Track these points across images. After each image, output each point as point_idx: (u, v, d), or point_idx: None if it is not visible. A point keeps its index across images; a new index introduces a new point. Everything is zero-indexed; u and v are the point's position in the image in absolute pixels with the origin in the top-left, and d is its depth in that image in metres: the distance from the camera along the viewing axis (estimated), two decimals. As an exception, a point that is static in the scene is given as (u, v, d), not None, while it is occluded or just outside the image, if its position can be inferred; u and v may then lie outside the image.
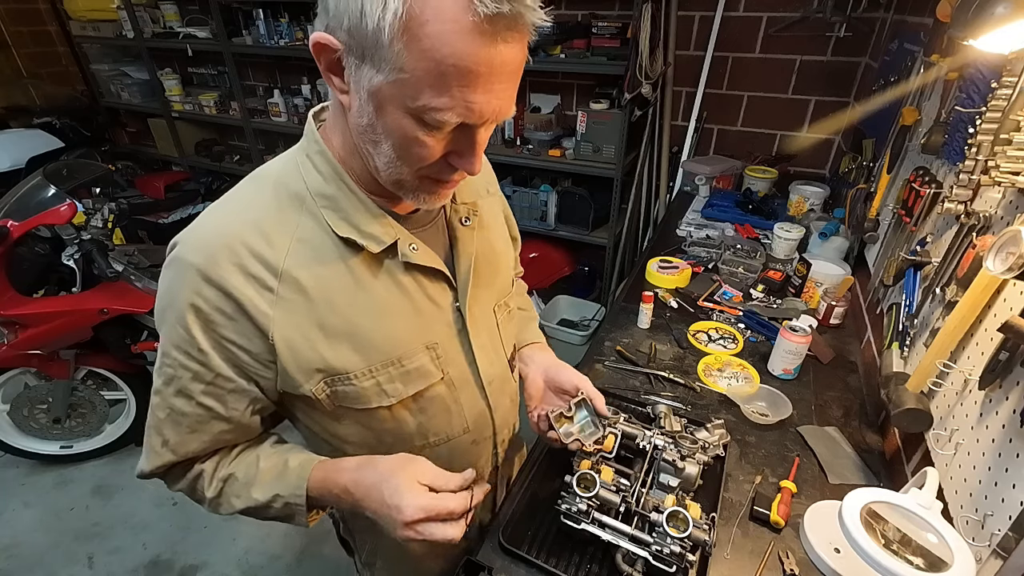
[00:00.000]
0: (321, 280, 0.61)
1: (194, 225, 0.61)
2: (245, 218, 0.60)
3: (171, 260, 0.60)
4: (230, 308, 0.58)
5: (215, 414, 0.64)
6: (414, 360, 0.68)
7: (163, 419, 0.64)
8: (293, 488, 0.66)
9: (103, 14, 3.48)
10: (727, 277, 1.68)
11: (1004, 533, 0.68)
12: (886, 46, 1.91)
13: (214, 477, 0.68)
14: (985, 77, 0.96)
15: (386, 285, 0.65)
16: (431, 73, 0.47)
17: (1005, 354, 0.74)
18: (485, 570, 0.81)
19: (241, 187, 0.64)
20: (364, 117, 0.53)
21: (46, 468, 2.21)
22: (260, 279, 0.59)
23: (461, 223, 0.73)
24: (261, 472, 0.67)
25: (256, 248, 0.59)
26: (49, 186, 1.76)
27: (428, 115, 0.50)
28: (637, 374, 1.28)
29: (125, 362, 2.09)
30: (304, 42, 3.06)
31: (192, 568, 1.85)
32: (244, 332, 0.60)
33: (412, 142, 0.53)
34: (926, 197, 1.11)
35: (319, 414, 0.69)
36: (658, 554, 0.75)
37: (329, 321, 0.62)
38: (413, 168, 0.56)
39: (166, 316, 0.60)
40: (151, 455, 0.66)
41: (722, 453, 0.97)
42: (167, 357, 0.61)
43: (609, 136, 2.47)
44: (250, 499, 0.67)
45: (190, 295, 0.58)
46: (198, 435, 0.65)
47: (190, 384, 0.62)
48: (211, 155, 3.93)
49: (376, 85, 0.50)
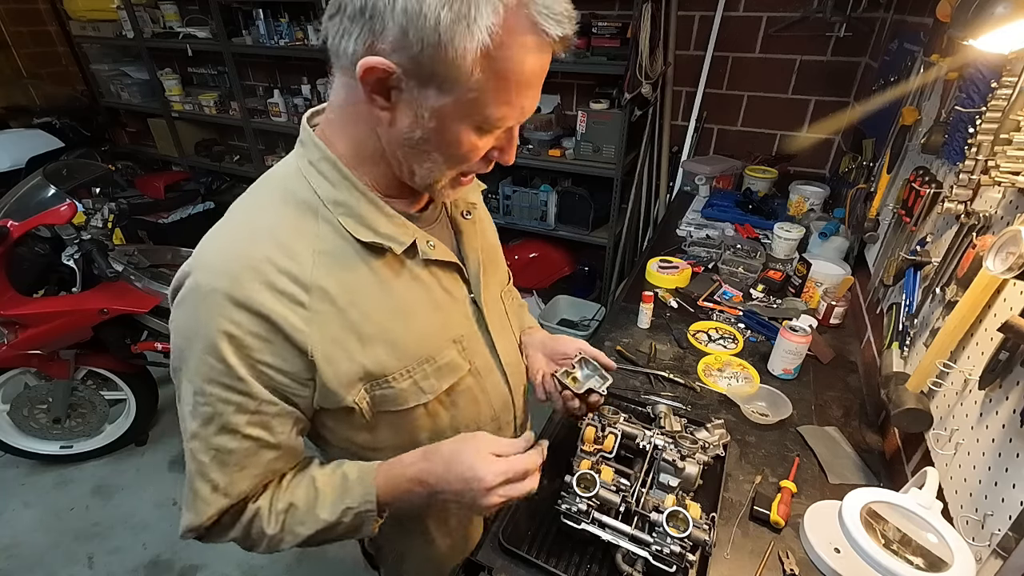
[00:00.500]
0: (348, 287, 0.60)
1: (203, 252, 0.59)
2: (261, 234, 0.58)
3: (188, 292, 0.57)
4: (264, 330, 0.56)
5: (263, 443, 0.61)
6: (444, 355, 0.69)
7: (208, 463, 0.60)
8: (362, 497, 0.64)
9: (103, 14, 3.48)
10: (727, 277, 1.68)
11: (1004, 533, 0.68)
12: (886, 46, 1.91)
13: (271, 512, 0.64)
14: (985, 77, 0.96)
15: (408, 285, 0.65)
16: (501, 89, 0.52)
17: (1005, 354, 0.74)
18: (485, 570, 0.81)
19: (245, 203, 0.63)
20: (418, 131, 0.54)
21: (46, 468, 2.21)
22: (290, 295, 0.57)
23: (463, 217, 0.75)
24: (321, 492, 0.65)
25: (280, 263, 0.57)
26: (49, 186, 1.76)
27: (489, 123, 0.54)
28: (637, 374, 1.28)
29: (125, 362, 2.09)
30: (304, 42, 3.06)
31: (192, 568, 1.85)
32: (280, 353, 0.58)
33: (467, 148, 0.56)
34: (926, 197, 1.11)
35: (350, 426, 0.68)
36: (658, 554, 0.75)
37: (363, 328, 0.61)
38: (457, 169, 0.60)
39: (191, 352, 0.57)
40: (200, 505, 0.61)
41: (722, 453, 0.97)
42: (201, 395, 0.58)
43: (609, 136, 2.47)
44: (318, 521, 0.64)
45: (220, 322, 0.55)
46: (248, 471, 0.62)
47: (233, 418, 0.58)
48: (211, 155, 3.93)
49: (441, 104, 0.52)
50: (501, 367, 0.79)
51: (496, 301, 0.80)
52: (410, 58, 0.49)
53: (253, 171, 3.76)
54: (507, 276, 0.88)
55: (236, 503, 0.63)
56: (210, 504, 0.61)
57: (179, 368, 0.59)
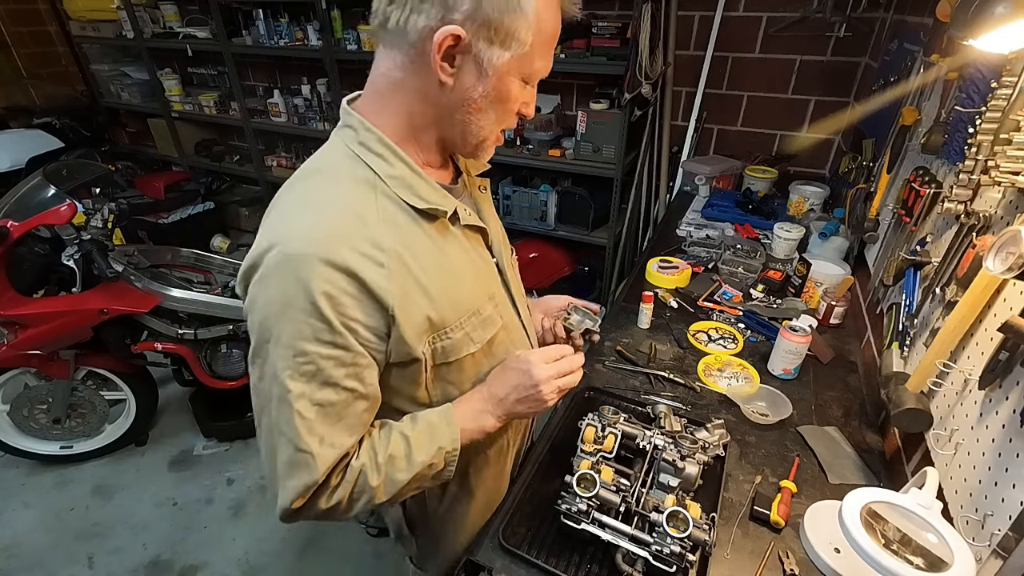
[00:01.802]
0: (413, 250, 0.67)
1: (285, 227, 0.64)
2: (337, 207, 0.65)
3: (278, 264, 0.61)
4: (354, 289, 0.63)
5: (358, 394, 0.67)
6: (485, 309, 0.77)
7: (314, 418, 0.65)
8: (450, 436, 0.73)
9: (103, 14, 3.49)
10: (727, 277, 1.68)
11: (1004, 533, 0.68)
12: (886, 46, 1.91)
13: (375, 464, 0.70)
14: (985, 77, 0.96)
15: (454, 246, 0.74)
16: (544, 43, 0.64)
17: (1005, 354, 0.74)
18: (485, 570, 0.81)
19: (312, 185, 0.69)
20: (479, 88, 0.64)
21: (46, 468, 2.21)
22: (372, 257, 0.63)
23: (480, 191, 0.85)
24: (413, 440, 0.72)
25: (359, 230, 0.64)
26: (49, 186, 1.76)
27: (532, 76, 0.67)
28: (637, 374, 1.28)
29: (125, 362, 2.09)
30: (304, 42, 3.06)
31: (192, 568, 1.85)
32: (367, 310, 0.64)
33: (514, 99, 0.68)
34: (926, 197, 1.11)
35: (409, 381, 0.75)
36: (658, 554, 0.75)
37: (428, 284, 0.68)
38: (502, 124, 0.70)
39: (288, 318, 0.61)
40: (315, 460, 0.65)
41: (722, 453, 0.97)
42: (303, 356, 0.62)
43: (609, 136, 2.47)
44: (415, 465, 0.71)
45: (319, 284, 0.60)
46: (346, 422, 0.68)
47: (334, 371, 0.64)
48: (211, 155, 3.93)
49: (503, 60, 0.62)
50: (522, 322, 0.88)
51: (511, 266, 0.90)
52: (482, 23, 0.59)
53: (253, 171, 3.76)
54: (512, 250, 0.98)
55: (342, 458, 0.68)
56: (323, 458, 0.65)
57: (270, 339, 0.63)
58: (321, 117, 3.32)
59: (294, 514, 0.68)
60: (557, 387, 0.77)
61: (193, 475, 2.20)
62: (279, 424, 0.65)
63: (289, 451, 0.65)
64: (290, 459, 0.65)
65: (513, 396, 0.76)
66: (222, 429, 2.33)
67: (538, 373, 0.75)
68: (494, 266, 0.82)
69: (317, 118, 3.34)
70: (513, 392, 0.76)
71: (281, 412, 0.64)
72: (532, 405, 0.77)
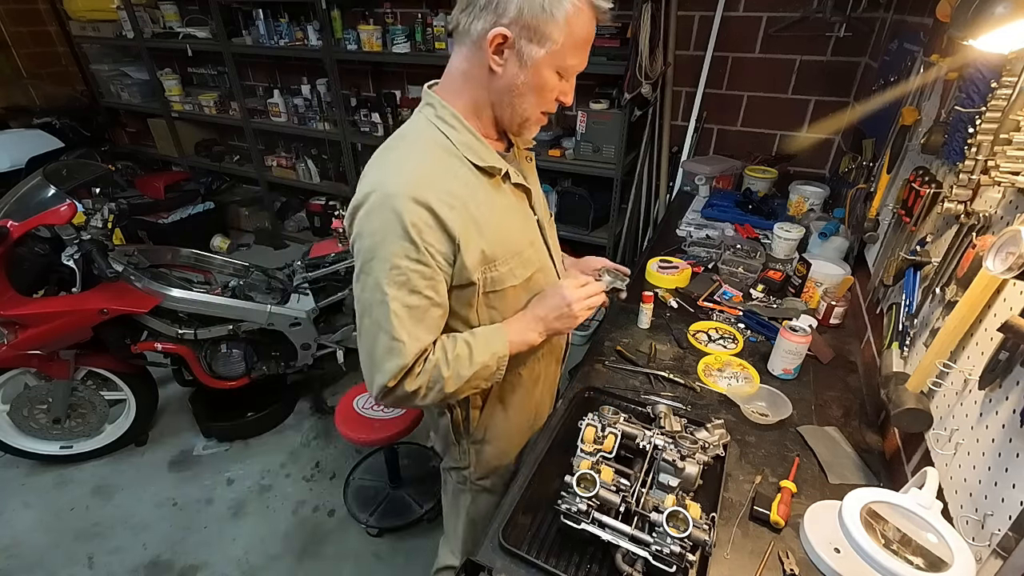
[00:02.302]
0: (475, 197, 0.86)
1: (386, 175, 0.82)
2: (423, 163, 0.84)
3: (379, 202, 0.80)
4: (433, 222, 0.81)
5: (434, 302, 0.85)
6: (526, 252, 0.95)
7: (403, 316, 0.83)
8: (502, 344, 0.91)
9: (103, 14, 3.49)
10: (727, 277, 1.68)
11: (1004, 533, 0.68)
12: (886, 46, 1.91)
13: (447, 360, 0.88)
14: (985, 77, 0.96)
15: (506, 198, 0.93)
16: (574, 44, 0.81)
17: (1005, 354, 0.74)
18: (485, 570, 0.82)
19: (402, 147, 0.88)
20: (520, 77, 0.82)
21: (46, 468, 2.21)
22: (447, 201, 0.82)
23: (526, 160, 1.04)
24: (474, 345, 0.90)
25: (439, 181, 0.83)
26: (49, 186, 1.76)
27: (566, 70, 0.84)
28: (637, 374, 1.28)
29: (125, 362, 2.09)
30: (304, 42, 3.06)
31: (192, 568, 1.85)
32: (441, 239, 0.82)
33: (550, 89, 0.85)
34: (926, 197, 1.12)
35: (467, 304, 0.92)
36: (658, 554, 0.75)
37: (484, 225, 0.86)
38: (541, 107, 0.87)
39: (388, 241, 0.80)
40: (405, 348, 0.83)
41: (722, 453, 0.97)
42: (396, 269, 0.81)
43: (609, 136, 2.47)
44: (474, 364, 0.88)
45: (409, 215, 0.79)
46: (425, 323, 0.85)
47: (419, 281, 0.83)
48: (211, 155, 3.93)
49: (539, 56, 0.80)
50: (556, 269, 1.06)
51: (549, 223, 1.08)
52: (523, 27, 0.77)
53: (253, 171, 3.76)
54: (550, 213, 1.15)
55: (424, 350, 0.86)
56: (410, 347, 0.84)
57: (373, 257, 0.82)
58: (321, 117, 3.32)
59: (388, 392, 0.86)
60: (586, 305, 0.96)
61: (193, 475, 2.20)
62: (379, 320, 0.83)
63: (386, 340, 0.83)
64: (387, 346, 0.83)
65: (552, 315, 0.95)
66: (222, 429, 2.33)
67: (570, 295, 0.95)
68: (535, 221, 1.00)
69: (317, 118, 3.34)
70: (552, 311, 0.95)
71: (381, 311, 0.83)
72: (567, 321, 0.96)
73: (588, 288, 0.98)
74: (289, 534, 1.96)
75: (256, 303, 2.05)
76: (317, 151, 3.64)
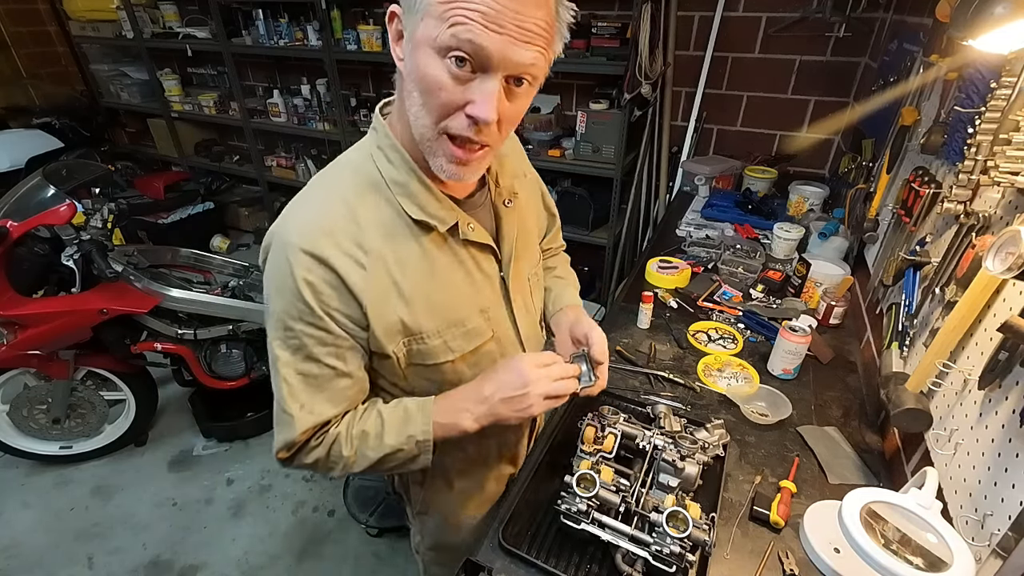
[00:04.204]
0: (399, 256, 0.71)
1: (292, 214, 0.70)
2: (337, 205, 0.69)
3: (279, 247, 0.68)
4: (335, 281, 0.67)
5: (339, 372, 0.73)
6: (472, 321, 0.79)
7: (296, 385, 0.72)
8: (422, 425, 0.75)
9: (103, 14, 3.48)
10: (727, 277, 1.68)
11: (1004, 533, 0.68)
12: (886, 46, 1.91)
13: (348, 437, 0.75)
14: (984, 77, 0.96)
15: (449, 259, 0.75)
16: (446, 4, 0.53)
17: (1004, 354, 0.74)
18: (485, 570, 0.81)
19: (325, 179, 0.74)
20: (406, 68, 0.61)
21: (46, 468, 2.21)
22: (354, 257, 0.68)
23: (504, 205, 0.82)
24: (388, 422, 0.75)
25: (350, 231, 0.68)
26: (48, 186, 1.76)
27: (443, 46, 0.55)
28: (637, 374, 1.28)
29: (125, 362, 2.09)
30: (303, 42, 3.06)
31: (192, 568, 1.85)
32: (345, 302, 0.69)
33: (434, 82, 0.58)
34: (926, 197, 1.12)
35: (390, 371, 0.79)
36: (658, 554, 0.75)
37: (407, 292, 0.72)
38: (434, 115, 0.61)
39: (282, 296, 0.68)
40: (294, 422, 0.72)
41: (722, 453, 0.97)
42: (290, 331, 0.69)
43: (609, 136, 2.47)
44: (383, 447, 0.74)
45: (301, 271, 0.66)
46: (327, 394, 0.73)
47: (316, 348, 0.70)
48: (211, 155, 3.93)
49: (412, 29, 0.58)
50: (519, 338, 0.88)
51: (523, 282, 0.88)
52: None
53: (253, 171, 3.76)
54: (538, 258, 0.97)
55: (321, 424, 0.74)
56: (301, 421, 0.72)
57: (268, 312, 0.71)
58: (321, 117, 3.32)
59: (283, 462, 0.76)
60: (546, 392, 0.73)
61: (193, 475, 2.20)
62: (273, 384, 0.73)
63: (277, 409, 0.74)
64: (277, 416, 0.74)
65: (499, 395, 0.73)
66: (222, 429, 2.33)
67: (530, 374, 0.72)
68: (498, 281, 0.82)
69: (317, 118, 3.34)
70: (499, 390, 0.73)
71: (274, 375, 0.73)
72: (517, 407, 0.73)
73: (553, 370, 0.75)
74: (289, 534, 1.96)
75: (256, 303, 2.05)
76: (317, 151, 3.64)
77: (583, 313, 0.98)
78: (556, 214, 1.10)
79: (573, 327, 0.92)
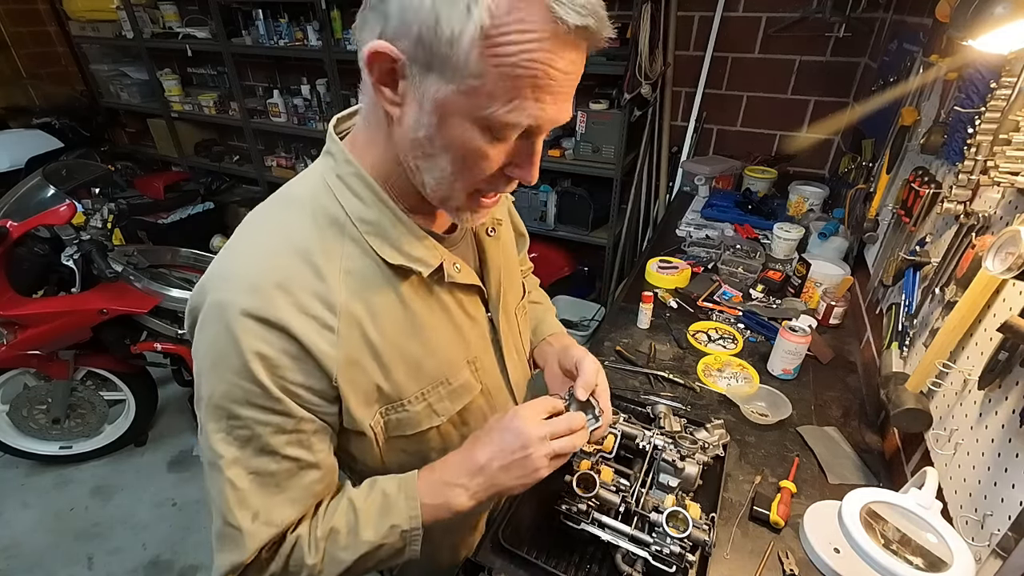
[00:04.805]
0: (373, 310, 0.58)
1: (227, 270, 0.55)
2: (289, 252, 0.55)
3: (213, 309, 0.53)
4: (295, 350, 0.54)
5: (304, 463, 0.58)
6: (459, 377, 0.68)
7: (247, 489, 0.56)
8: (407, 512, 0.61)
9: (103, 14, 3.48)
10: (727, 277, 1.68)
11: (1004, 533, 0.68)
12: (885, 46, 1.91)
13: (311, 539, 0.60)
14: (984, 77, 0.96)
15: (430, 307, 0.63)
16: (507, 80, 0.46)
17: (1004, 354, 0.74)
18: (485, 570, 0.81)
19: (270, 219, 0.59)
20: (422, 130, 0.51)
21: (46, 468, 2.21)
22: (320, 318, 0.55)
23: (487, 234, 0.72)
24: (362, 513, 0.61)
25: (310, 284, 0.55)
26: (48, 186, 1.76)
27: (497, 123, 0.48)
28: (637, 374, 1.28)
29: (125, 362, 2.09)
30: (303, 42, 3.06)
31: (192, 568, 1.85)
32: (309, 372, 0.55)
33: (474, 154, 0.51)
34: (925, 197, 1.12)
35: (362, 447, 0.66)
36: (658, 554, 0.75)
37: (384, 352, 0.59)
38: (468, 183, 0.54)
39: (221, 376, 0.54)
40: (243, 538, 0.56)
41: (722, 453, 0.97)
42: (236, 419, 0.54)
43: (609, 136, 2.47)
44: (360, 544, 0.60)
45: (253, 343, 0.52)
46: (288, 495, 0.58)
47: (272, 439, 0.56)
48: (211, 155, 3.92)
49: (443, 95, 0.48)
50: (509, 386, 0.78)
51: (511, 319, 0.78)
52: (412, 41, 0.46)
53: (253, 171, 3.75)
54: (522, 291, 0.85)
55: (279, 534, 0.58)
56: (253, 536, 0.56)
57: (201, 398, 0.56)
58: (321, 117, 3.32)
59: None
60: (552, 450, 0.61)
61: (192, 475, 2.19)
62: (211, 491, 0.57)
63: (219, 523, 0.57)
64: (219, 531, 0.57)
65: (496, 462, 0.61)
66: (222, 429, 2.33)
67: (529, 431, 0.60)
68: (486, 324, 0.72)
69: (317, 118, 3.34)
70: (496, 456, 0.61)
71: (213, 479, 0.56)
72: (520, 474, 0.61)
73: (557, 424, 0.63)
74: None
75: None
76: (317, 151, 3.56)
77: (569, 340, 0.89)
78: (525, 233, 0.95)
79: (561, 358, 0.82)
